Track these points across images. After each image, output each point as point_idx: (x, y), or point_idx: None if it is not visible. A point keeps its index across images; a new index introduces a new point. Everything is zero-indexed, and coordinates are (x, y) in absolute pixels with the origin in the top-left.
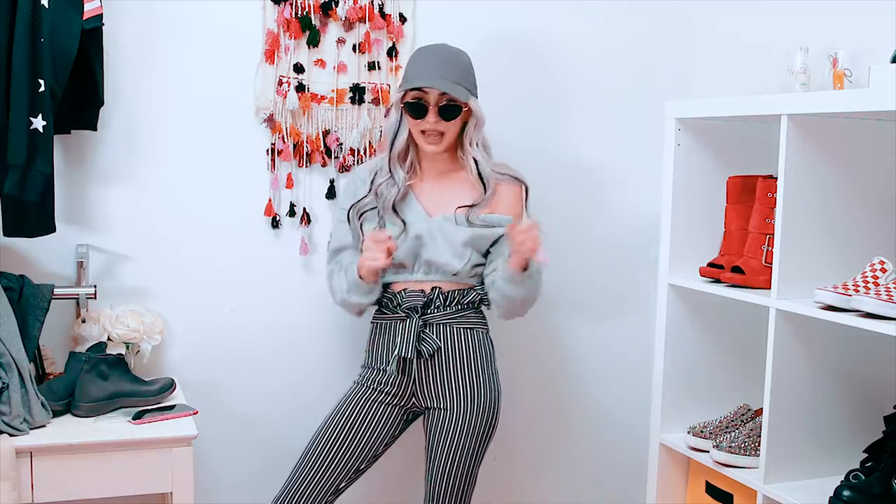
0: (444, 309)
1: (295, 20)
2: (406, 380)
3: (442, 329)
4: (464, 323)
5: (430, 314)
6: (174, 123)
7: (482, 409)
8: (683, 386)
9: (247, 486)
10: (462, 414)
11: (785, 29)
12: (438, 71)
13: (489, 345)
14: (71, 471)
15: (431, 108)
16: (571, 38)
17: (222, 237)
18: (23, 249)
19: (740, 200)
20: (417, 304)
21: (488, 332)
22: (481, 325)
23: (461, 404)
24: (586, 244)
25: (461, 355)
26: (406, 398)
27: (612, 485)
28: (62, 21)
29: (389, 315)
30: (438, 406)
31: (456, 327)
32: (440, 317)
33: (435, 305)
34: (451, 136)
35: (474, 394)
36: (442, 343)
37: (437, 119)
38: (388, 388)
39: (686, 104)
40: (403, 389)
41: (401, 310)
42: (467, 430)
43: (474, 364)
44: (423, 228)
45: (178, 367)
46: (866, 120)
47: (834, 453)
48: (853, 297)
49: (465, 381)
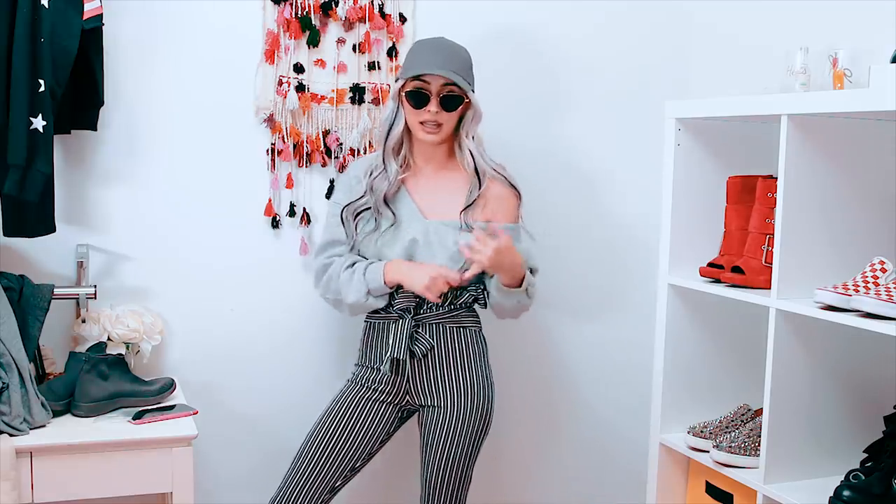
0: (436, 309)
1: (295, 20)
2: (399, 379)
3: (435, 328)
4: (456, 322)
5: (423, 314)
6: (174, 123)
7: (476, 406)
8: (683, 386)
9: (247, 486)
10: (456, 411)
11: (785, 29)
12: (441, 61)
13: (482, 342)
14: (71, 471)
15: (433, 97)
16: (571, 38)
17: (222, 237)
18: (23, 249)
19: (740, 200)
20: (410, 305)
21: (481, 330)
22: (474, 323)
23: (455, 402)
24: (586, 244)
25: (454, 353)
26: (400, 396)
27: (611, 485)
28: (62, 21)
29: (382, 314)
30: (432, 404)
31: (449, 326)
32: (433, 317)
33: (428, 306)
34: (448, 129)
35: (468, 391)
36: (435, 342)
37: (438, 109)
38: (382, 387)
39: (686, 104)
40: (397, 388)
41: (394, 310)
42: (462, 428)
43: (467, 361)
44: (419, 231)
45: (178, 367)
46: (866, 120)
47: (834, 453)
48: (853, 297)
49: (459, 379)
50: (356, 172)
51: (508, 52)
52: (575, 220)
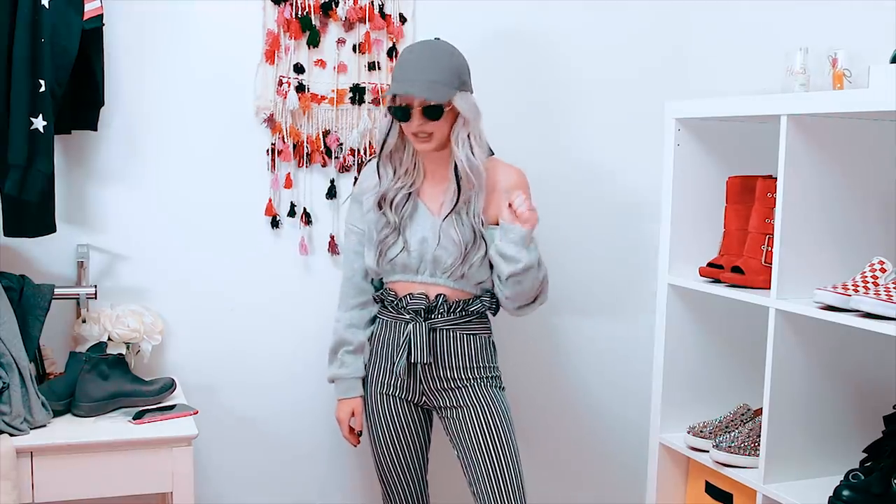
0: (447, 315)
1: (295, 20)
2: (412, 381)
3: (445, 334)
4: (467, 328)
5: (434, 319)
6: (174, 123)
7: (492, 406)
8: (683, 386)
9: (247, 486)
10: (475, 412)
11: (785, 29)
12: (416, 73)
13: (492, 348)
14: (71, 471)
15: (415, 110)
16: (571, 37)
17: (222, 237)
18: (23, 249)
19: (740, 200)
20: (421, 308)
21: (491, 336)
22: (485, 330)
23: (471, 405)
24: (586, 244)
25: (465, 358)
26: (417, 396)
27: (611, 485)
28: (62, 21)
29: (394, 314)
30: (448, 406)
31: (460, 333)
32: (444, 322)
33: (439, 312)
34: (441, 135)
35: (480, 397)
36: (446, 346)
37: (422, 120)
38: (399, 393)
39: (686, 104)
40: (411, 388)
41: (405, 311)
42: (488, 423)
43: (477, 368)
44: (428, 227)
45: (178, 367)
46: (866, 120)
47: (834, 453)
48: (853, 297)
49: (470, 385)
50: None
51: (508, 51)
52: (575, 219)
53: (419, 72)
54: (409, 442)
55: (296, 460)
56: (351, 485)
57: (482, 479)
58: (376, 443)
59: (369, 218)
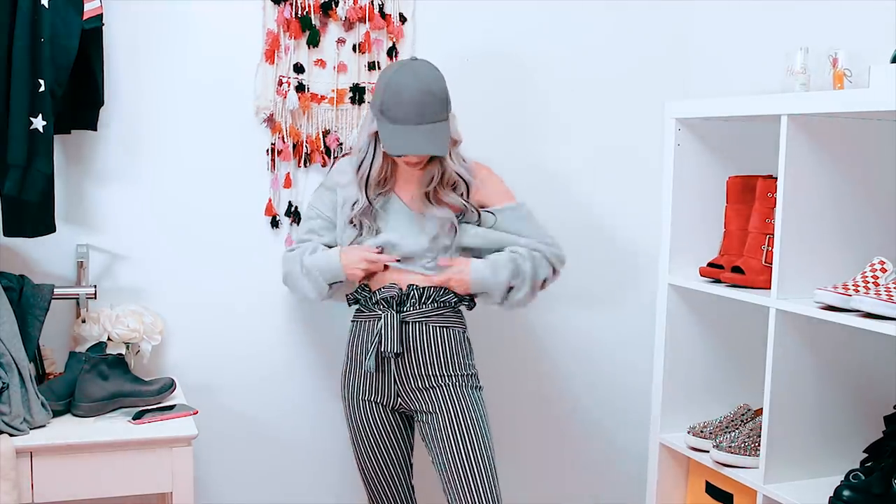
0: (419, 306)
1: (295, 20)
2: (385, 379)
3: (418, 327)
4: (441, 321)
5: (406, 311)
6: (174, 123)
7: (467, 409)
8: (683, 386)
9: (247, 486)
10: (449, 417)
11: (785, 29)
12: (419, 118)
13: (468, 345)
14: (71, 471)
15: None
16: (571, 37)
17: (222, 237)
18: (23, 249)
19: (740, 200)
20: (393, 299)
21: (465, 331)
22: (459, 324)
23: (445, 409)
24: (586, 244)
25: (438, 354)
26: (392, 399)
27: (611, 485)
28: (62, 21)
29: (367, 313)
30: (424, 410)
31: (433, 325)
32: (415, 314)
33: (411, 302)
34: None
35: (455, 401)
36: (418, 340)
37: (421, 159)
38: (375, 397)
39: (686, 104)
40: (386, 390)
41: (377, 306)
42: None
43: (451, 365)
44: (402, 218)
45: (178, 367)
46: (866, 120)
47: (834, 453)
48: (853, 297)
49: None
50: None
51: (508, 52)
52: (574, 220)
53: (420, 116)
54: (391, 447)
55: (296, 460)
56: (351, 484)
57: (454, 483)
58: (360, 449)
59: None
